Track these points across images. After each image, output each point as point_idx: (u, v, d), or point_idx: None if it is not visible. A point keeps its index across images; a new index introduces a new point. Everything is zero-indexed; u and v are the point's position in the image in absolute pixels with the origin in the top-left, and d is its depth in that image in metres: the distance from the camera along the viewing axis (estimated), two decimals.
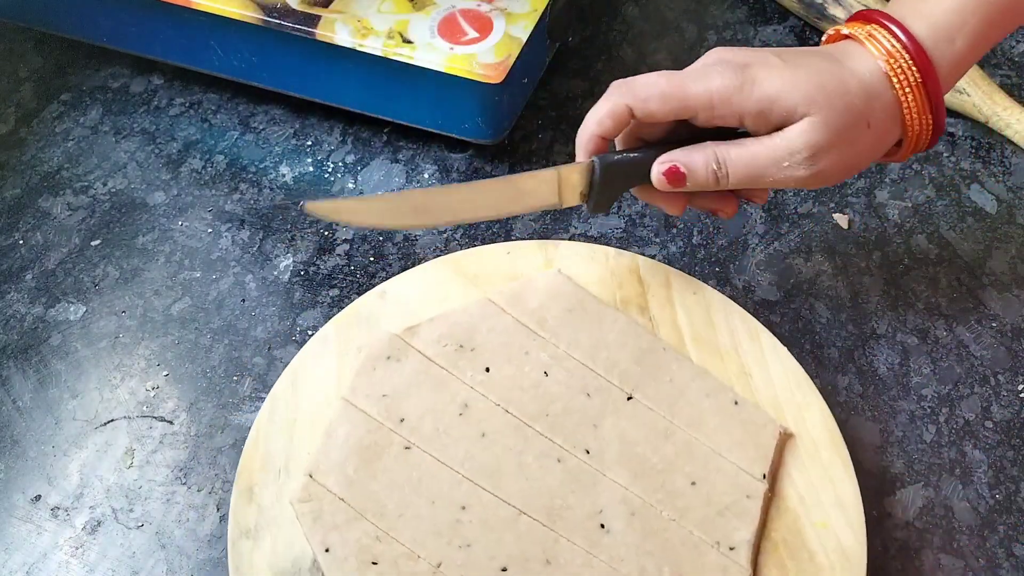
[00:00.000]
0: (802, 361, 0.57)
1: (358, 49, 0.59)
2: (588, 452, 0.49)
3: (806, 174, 0.47)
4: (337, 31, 0.59)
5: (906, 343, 0.58)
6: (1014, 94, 0.68)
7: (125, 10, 0.64)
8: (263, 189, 0.65)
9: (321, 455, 0.49)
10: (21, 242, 0.62)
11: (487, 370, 0.51)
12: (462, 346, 0.52)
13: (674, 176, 0.48)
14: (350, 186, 0.65)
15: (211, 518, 0.51)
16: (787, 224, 0.63)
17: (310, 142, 0.67)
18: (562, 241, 0.57)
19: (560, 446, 0.49)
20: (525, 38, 0.59)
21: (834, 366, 0.57)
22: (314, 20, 0.60)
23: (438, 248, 0.61)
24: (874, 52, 0.47)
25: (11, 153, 0.67)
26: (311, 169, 0.66)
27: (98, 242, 0.62)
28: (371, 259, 0.61)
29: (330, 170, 0.66)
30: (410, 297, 0.55)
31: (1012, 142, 0.67)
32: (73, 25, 0.67)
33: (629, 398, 0.51)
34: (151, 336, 0.58)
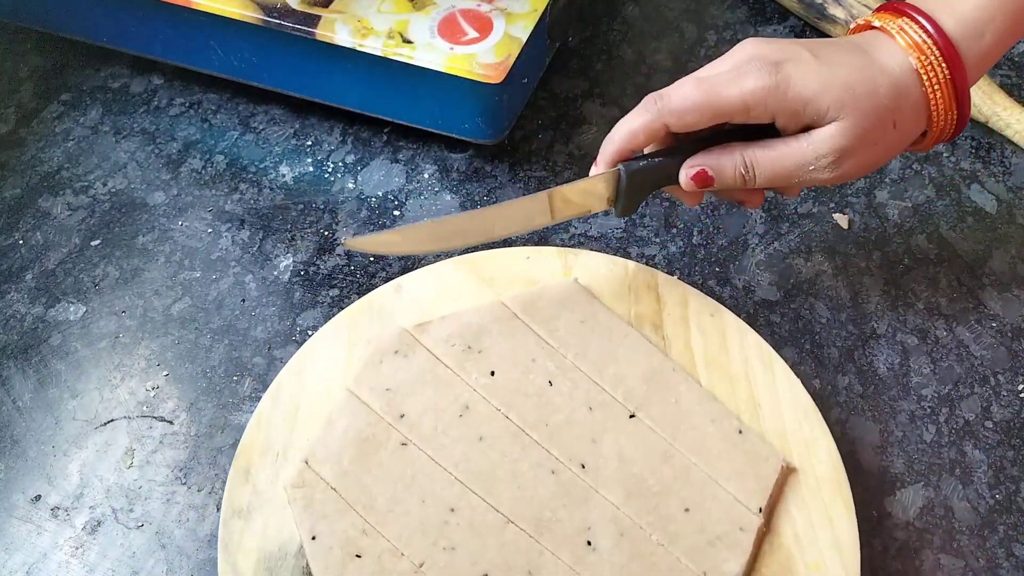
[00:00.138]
0: (802, 361, 0.57)
1: (358, 49, 0.59)
2: (584, 467, 0.48)
3: (830, 176, 0.48)
4: (337, 31, 0.59)
5: (906, 343, 0.58)
6: (1014, 94, 0.68)
7: (125, 10, 0.64)
8: (263, 189, 0.65)
9: (319, 443, 0.49)
10: (21, 242, 0.62)
11: (492, 374, 0.51)
12: (470, 347, 0.52)
13: (702, 180, 0.49)
14: (350, 186, 0.65)
15: (211, 518, 0.51)
16: (787, 224, 0.63)
17: (310, 142, 0.67)
18: (582, 250, 0.57)
19: (556, 457, 0.49)
20: (525, 38, 0.59)
21: (834, 366, 0.57)
22: (314, 20, 0.60)
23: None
24: (904, 46, 0.47)
25: (11, 153, 0.67)
26: (311, 169, 0.66)
27: (98, 242, 0.62)
28: (371, 259, 0.61)
29: (330, 170, 0.66)
30: (424, 294, 0.55)
31: (1012, 142, 0.67)
32: (73, 25, 0.67)
33: (632, 416, 0.50)
34: (151, 336, 0.58)
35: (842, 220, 0.63)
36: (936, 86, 0.47)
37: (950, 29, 0.46)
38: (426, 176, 0.65)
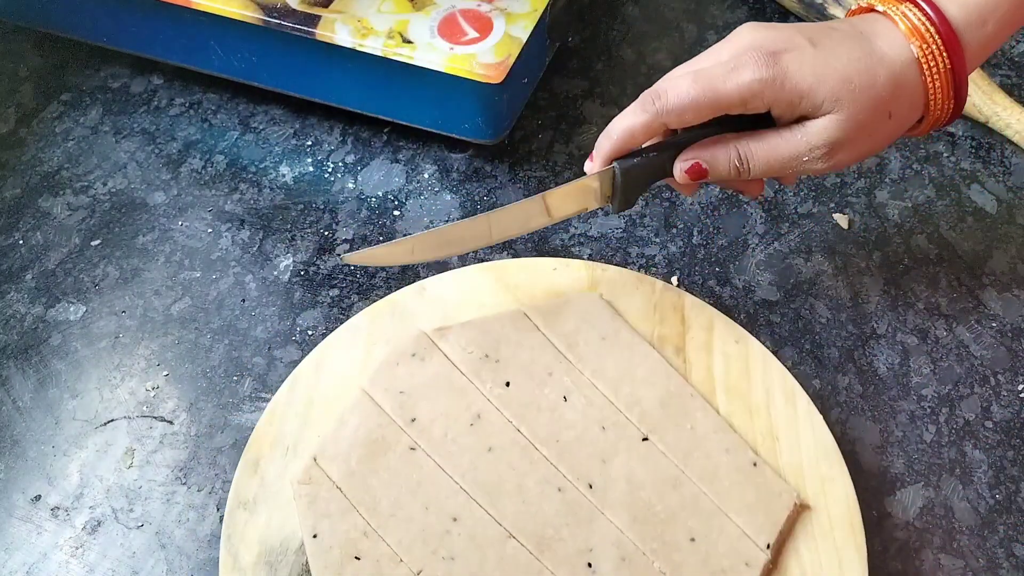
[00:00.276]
0: (802, 361, 0.57)
1: (358, 49, 0.59)
2: (591, 486, 0.48)
3: (824, 166, 0.48)
4: (337, 31, 0.59)
5: (906, 343, 0.58)
6: (1014, 94, 0.68)
7: (125, 10, 0.64)
8: (263, 189, 0.65)
9: (329, 441, 0.49)
10: (21, 242, 0.62)
11: (507, 384, 0.50)
12: (487, 355, 0.51)
13: (697, 173, 0.49)
14: (350, 186, 0.65)
15: (211, 518, 0.51)
16: (787, 224, 0.63)
17: (310, 142, 0.67)
18: (610, 265, 0.56)
19: (564, 475, 0.48)
20: (525, 38, 0.59)
21: (834, 366, 0.57)
22: (314, 20, 0.60)
23: None
24: (906, 32, 0.46)
25: (11, 153, 0.67)
26: (311, 169, 0.66)
27: (98, 242, 0.62)
28: None
29: (330, 170, 0.66)
30: (447, 298, 0.55)
31: (1012, 142, 0.67)
32: (73, 25, 0.67)
33: (645, 439, 0.49)
34: (151, 336, 0.58)
35: (842, 220, 0.63)
36: (936, 75, 0.46)
37: (953, 16, 0.46)
38: (426, 176, 0.65)
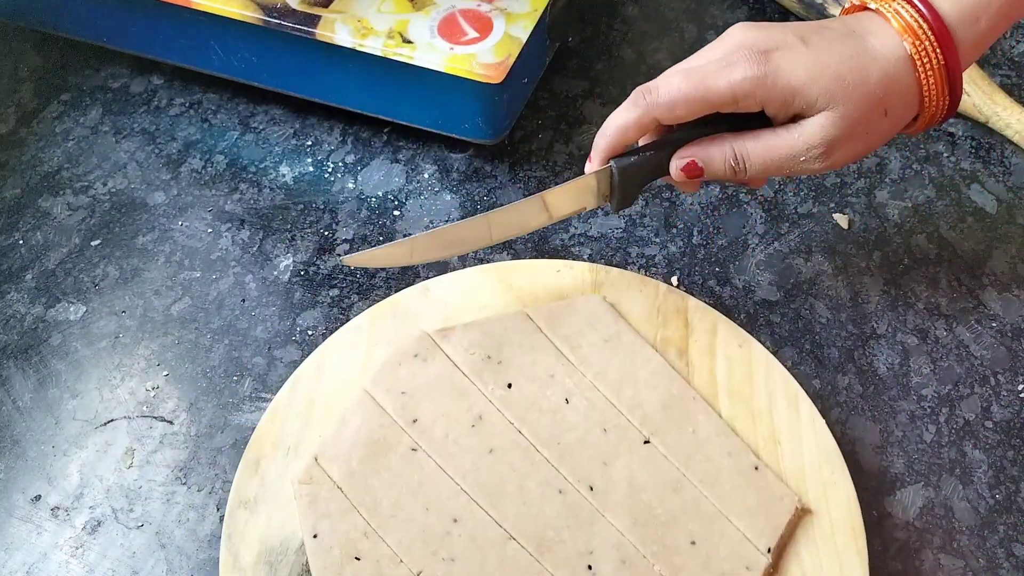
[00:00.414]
0: (802, 361, 0.57)
1: (358, 49, 0.59)
2: (592, 489, 0.48)
3: (820, 166, 0.47)
4: (337, 31, 0.59)
5: (906, 343, 0.58)
6: (1014, 94, 0.68)
7: (125, 10, 0.64)
8: (263, 189, 0.65)
9: (330, 441, 0.49)
10: (21, 242, 0.62)
11: (509, 386, 0.50)
12: (490, 357, 0.51)
13: (693, 171, 0.49)
14: (350, 186, 0.65)
15: (211, 518, 0.51)
16: (787, 224, 0.63)
17: (310, 142, 0.67)
18: (615, 268, 0.56)
19: (565, 477, 0.48)
20: (525, 38, 0.59)
21: (834, 366, 0.57)
22: (314, 20, 0.60)
23: None
24: (898, 29, 0.46)
25: (11, 153, 0.67)
26: (311, 169, 0.66)
27: (98, 242, 0.62)
28: None
29: (330, 170, 0.66)
30: (451, 298, 0.55)
31: (1012, 142, 0.67)
32: (73, 25, 0.67)
33: (646, 442, 0.49)
34: (151, 336, 0.58)
35: (842, 220, 0.63)
36: (929, 72, 0.46)
37: (946, 12, 0.46)
38: (426, 176, 0.65)
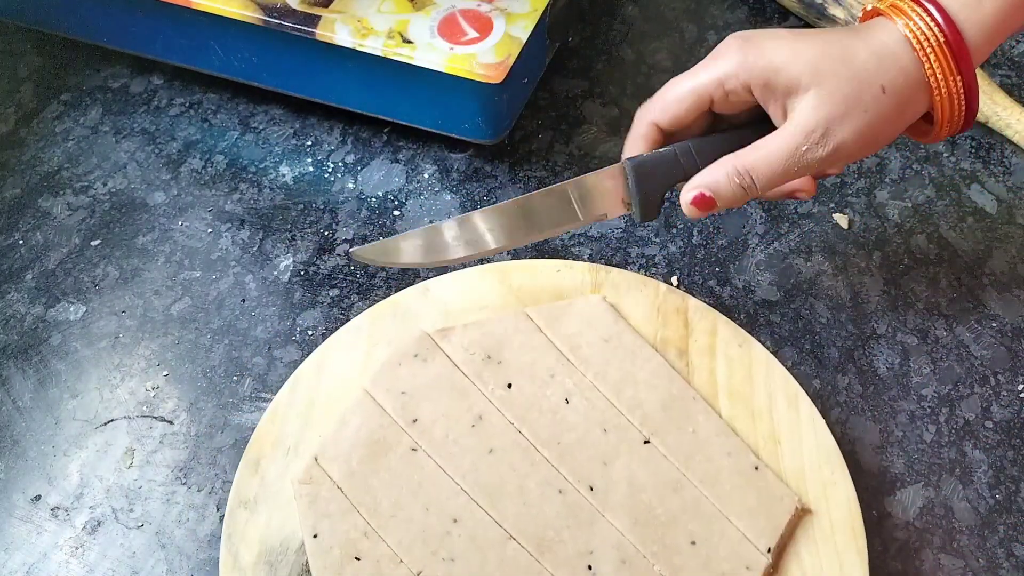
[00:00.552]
0: (802, 361, 0.57)
1: (358, 49, 0.59)
2: (592, 489, 0.48)
3: (826, 152, 0.45)
4: (337, 31, 0.59)
5: (906, 343, 0.58)
6: (1014, 94, 0.68)
7: (125, 10, 0.64)
8: (263, 189, 0.65)
9: (330, 441, 0.49)
10: (21, 242, 0.62)
11: (509, 386, 0.50)
12: (489, 357, 0.51)
13: (703, 202, 0.47)
14: (350, 186, 0.65)
15: (211, 518, 0.51)
16: (787, 224, 0.63)
17: (310, 142, 0.67)
18: (614, 268, 0.56)
19: (565, 477, 0.48)
20: (525, 38, 0.59)
21: (834, 366, 0.57)
22: (314, 20, 0.60)
23: None
24: (894, 18, 0.46)
25: (11, 153, 0.67)
26: (311, 169, 0.66)
27: (98, 242, 0.62)
28: None
29: (330, 170, 0.66)
30: (451, 298, 0.54)
31: (1012, 142, 0.67)
32: (73, 25, 0.67)
33: (646, 442, 0.49)
34: (151, 336, 0.58)
35: (842, 220, 0.63)
36: (928, 49, 0.44)
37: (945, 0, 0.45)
38: (426, 176, 0.65)
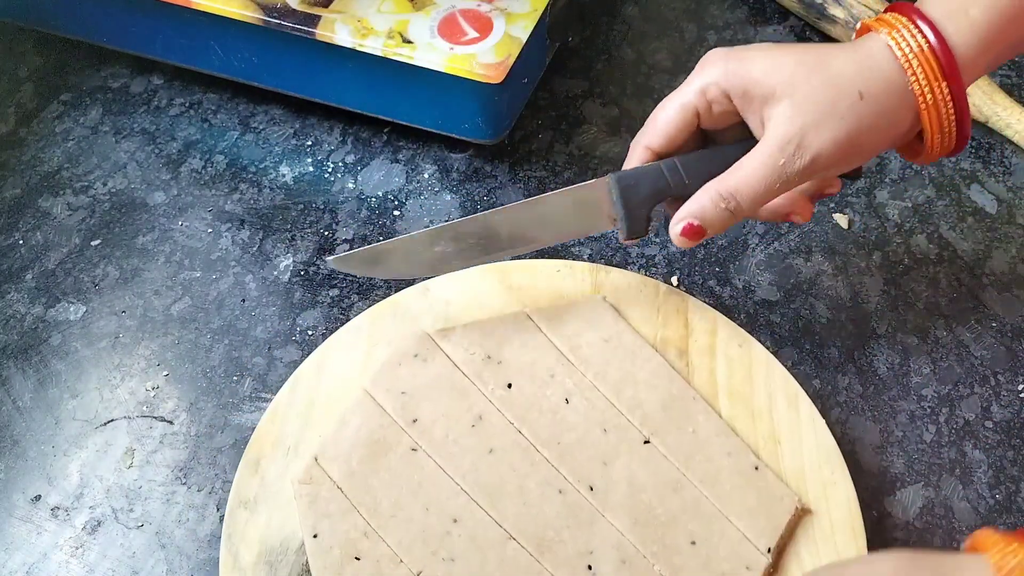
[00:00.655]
0: (802, 361, 0.57)
1: (358, 49, 0.59)
2: (592, 489, 0.48)
3: (804, 163, 0.44)
4: (337, 31, 0.59)
5: (906, 343, 0.58)
6: (1014, 94, 0.68)
7: (125, 10, 0.64)
8: (263, 189, 0.65)
9: (330, 441, 0.49)
10: (21, 242, 0.62)
11: (509, 386, 0.50)
12: (490, 357, 0.51)
13: (692, 232, 0.47)
14: (350, 186, 0.65)
15: (211, 518, 0.51)
16: (787, 224, 0.63)
17: (310, 142, 0.67)
18: (614, 268, 0.56)
19: (565, 477, 0.48)
20: (525, 38, 0.59)
21: (834, 366, 0.57)
22: (314, 20, 0.60)
23: None
24: (879, 29, 0.45)
25: (11, 153, 0.67)
26: (311, 169, 0.66)
27: (98, 242, 0.62)
28: None
29: (330, 170, 0.66)
30: (451, 298, 0.54)
31: (1012, 142, 0.67)
32: (73, 25, 0.67)
33: (646, 442, 0.49)
34: (151, 336, 0.58)
35: (842, 220, 0.63)
36: (911, 55, 0.43)
37: (930, 10, 0.44)
38: (426, 176, 0.65)
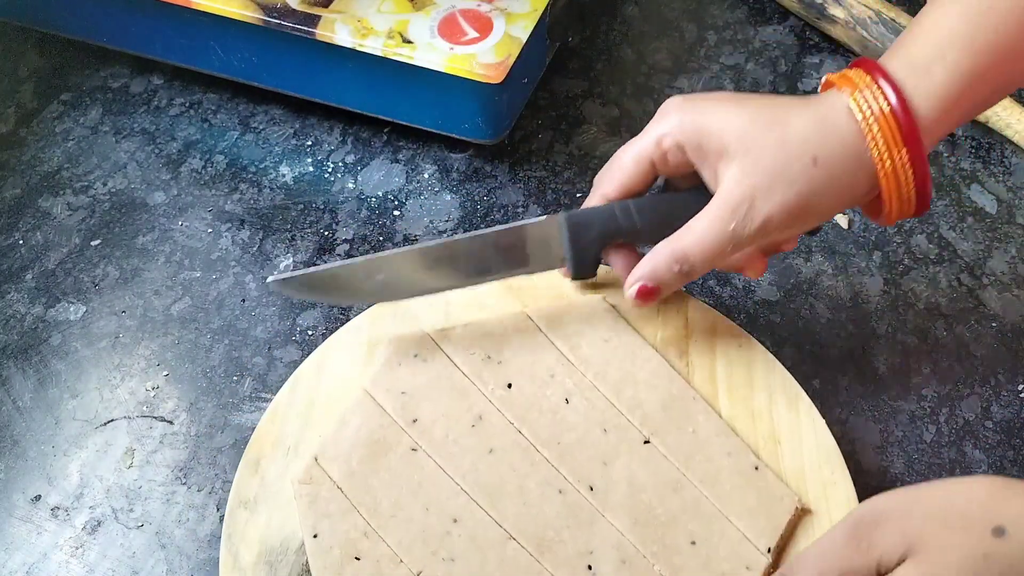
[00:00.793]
0: (802, 361, 0.57)
1: (358, 49, 0.59)
2: (592, 489, 0.48)
3: (755, 227, 0.44)
4: (337, 31, 0.59)
5: (906, 343, 0.58)
6: (1014, 94, 0.68)
7: (125, 10, 0.64)
8: (263, 189, 0.65)
9: (330, 441, 0.49)
10: (21, 242, 0.62)
11: (509, 386, 0.50)
12: (489, 357, 0.51)
13: (646, 294, 0.48)
14: (350, 186, 0.65)
15: (211, 518, 0.51)
16: None
17: (310, 142, 0.67)
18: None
19: (565, 477, 0.48)
20: (525, 38, 0.59)
21: (834, 366, 0.57)
22: (314, 20, 0.60)
23: None
24: (842, 88, 0.44)
25: (11, 153, 0.67)
26: (311, 169, 0.66)
27: (98, 242, 0.62)
28: None
29: (330, 170, 0.66)
30: (450, 299, 0.54)
31: (1012, 142, 0.67)
32: (73, 25, 0.67)
33: (646, 442, 0.49)
34: (151, 336, 0.58)
35: (842, 220, 0.63)
36: (871, 117, 0.43)
37: (893, 68, 0.44)
38: (426, 176, 0.66)
